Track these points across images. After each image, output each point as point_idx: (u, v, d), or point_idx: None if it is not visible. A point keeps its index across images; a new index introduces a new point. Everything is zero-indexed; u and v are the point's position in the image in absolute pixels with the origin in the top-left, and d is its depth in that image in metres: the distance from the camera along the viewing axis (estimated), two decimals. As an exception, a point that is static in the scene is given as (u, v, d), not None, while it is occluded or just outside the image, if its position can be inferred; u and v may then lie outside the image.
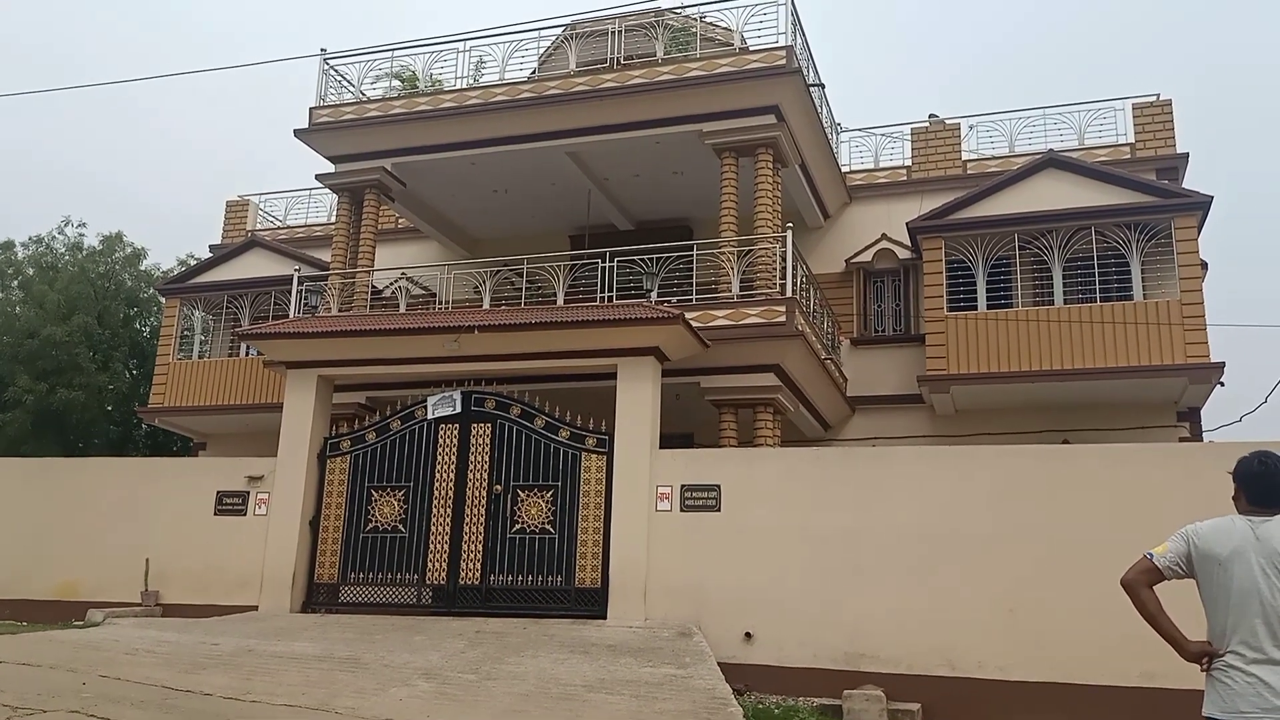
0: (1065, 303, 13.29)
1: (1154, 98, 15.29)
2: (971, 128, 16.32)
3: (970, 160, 16.09)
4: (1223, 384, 12.70)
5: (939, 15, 60.76)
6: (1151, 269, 13.09)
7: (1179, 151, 14.89)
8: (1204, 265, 13.31)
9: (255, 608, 11.21)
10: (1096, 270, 13.20)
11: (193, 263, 22.01)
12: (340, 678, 7.61)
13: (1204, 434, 13.94)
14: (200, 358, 17.42)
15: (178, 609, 11.47)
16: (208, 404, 16.69)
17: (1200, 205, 12.96)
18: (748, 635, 9.53)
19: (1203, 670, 3.73)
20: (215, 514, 11.92)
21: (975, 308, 13.61)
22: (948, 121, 16.44)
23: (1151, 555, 3.82)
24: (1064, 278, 13.42)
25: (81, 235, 23.79)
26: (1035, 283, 13.81)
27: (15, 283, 23.09)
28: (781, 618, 9.48)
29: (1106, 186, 13.31)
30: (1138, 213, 13.10)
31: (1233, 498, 3.90)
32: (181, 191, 59.05)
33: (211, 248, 19.67)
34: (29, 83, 49.97)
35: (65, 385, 20.49)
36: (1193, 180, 14.72)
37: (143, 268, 24.02)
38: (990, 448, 10.60)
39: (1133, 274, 13.08)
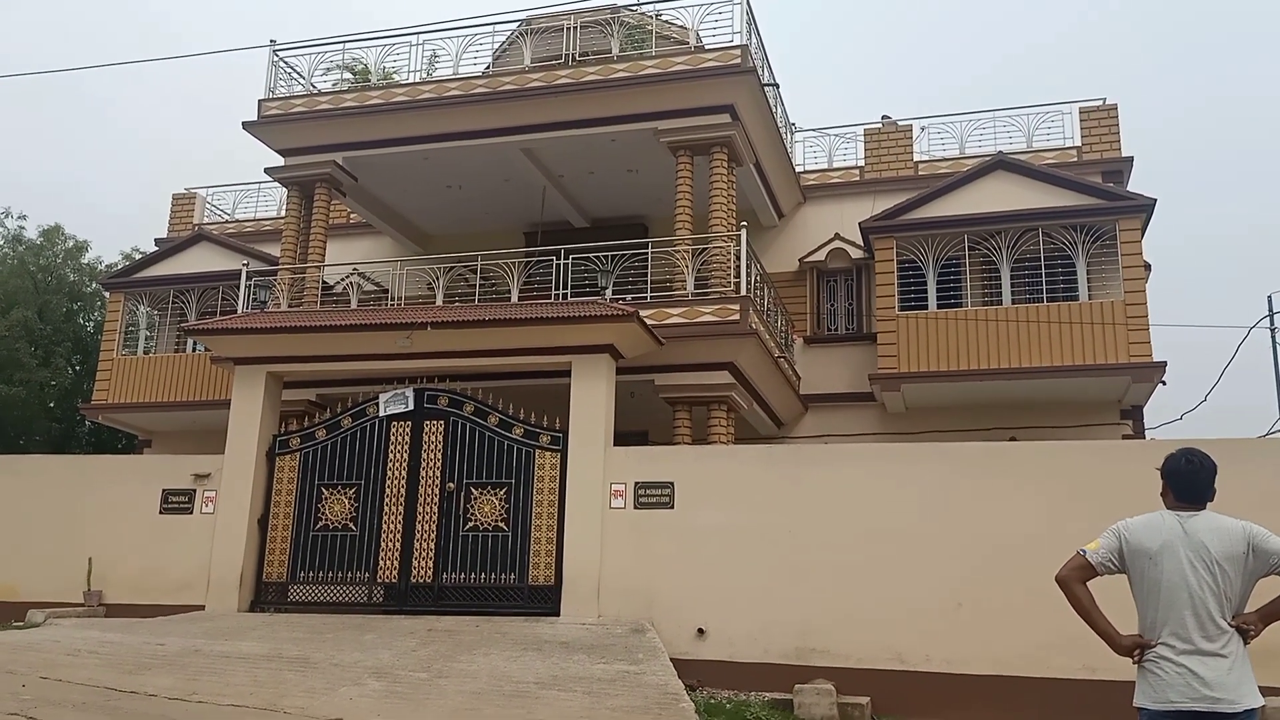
0: (1013, 302, 13.52)
1: (1100, 101, 15.61)
2: (923, 129, 16.55)
3: (922, 161, 16.30)
4: (1164, 383, 13.01)
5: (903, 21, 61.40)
6: (1097, 270, 13.36)
7: (1124, 155, 15.22)
8: (1147, 266, 13.62)
9: (202, 607, 11.03)
10: (1044, 271, 13.45)
11: (137, 257, 21.55)
12: (289, 677, 7.51)
13: (1146, 432, 14.27)
14: (145, 354, 17.07)
15: (122, 609, 11.24)
16: (153, 400, 16.36)
17: (1144, 208, 13.24)
18: (700, 631, 9.57)
19: (1135, 663, 3.84)
20: (160, 512, 11.70)
21: (926, 307, 13.79)
22: (900, 123, 16.64)
23: (1084, 552, 3.93)
24: (1012, 278, 13.65)
25: (22, 228, 23.23)
26: (984, 283, 14.03)
27: (-48, 276, 22.47)
28: (733, 614, 9.53)
29: (1053, 189, 13.56)
30: (1083, 215, 13.37)
31: (1160, 494, 4.02)
32: (128, 185, 57.88)
33: (157, 241, 19.29)
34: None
35: (5, 381, 19.98)
36: (1136, 184, 15.06)
37: (85, 261, 23.50)
38: (937, 445, 10.74)
39: (1079, 275, 13.34)
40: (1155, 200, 13.17)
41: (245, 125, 14.68)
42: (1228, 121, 50.93)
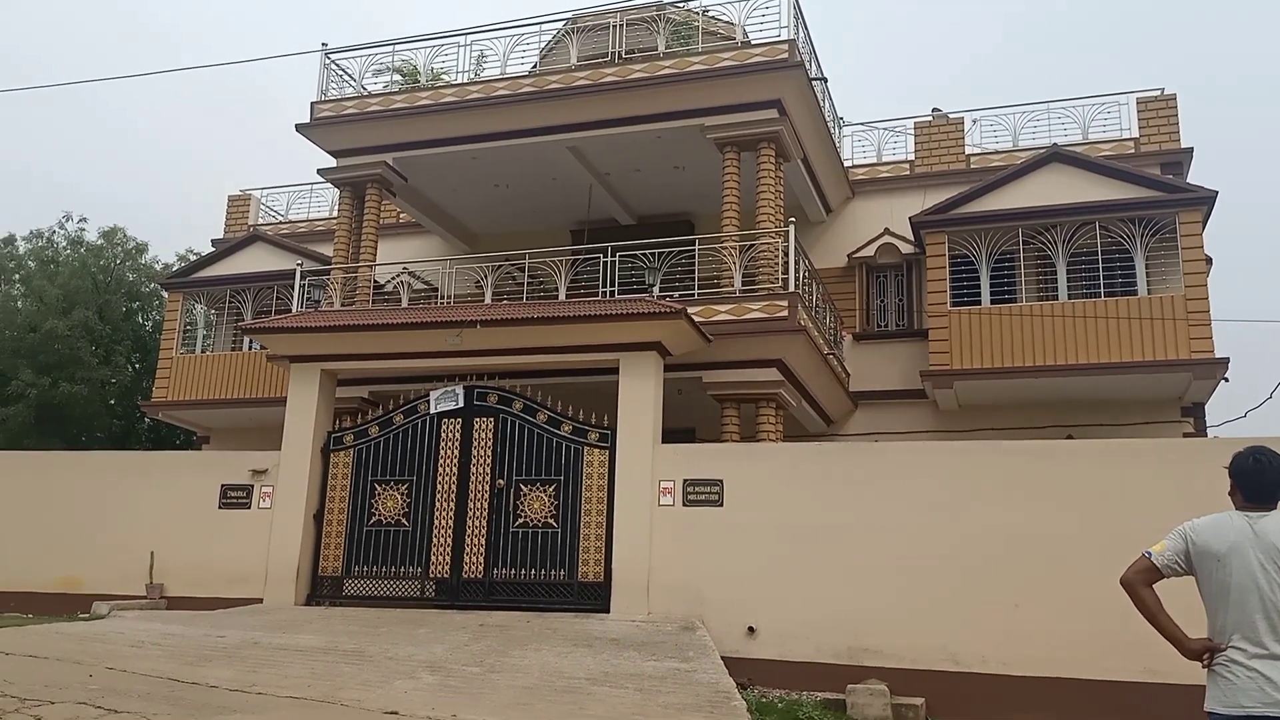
0: (1069, 298, 13.28)
1: (1158, 92, 15.26)
2: (975, 122, 16.32)
3: (974, 155, 16.07)
4: (1227, 380, 12.69)
5: (945, 11, 60.59)
6: (1156, 264, 13.07)
7: (1183, 146, 14.87)
8: (1208, 260, 13.29)
9: (259, 600, 11.23)
10: (1101, 265, 13.19)
11: (193, 258, 22.00)
12: (345, 670, 7.62)
13: (1208, 430, 13.94)
14: (203, 352, 17.43)
15: (182, 602, 11.49)
16: (211, 398, 16.70)
17: (1205, 200, 12.93)
18: (750, 630, 9.54)
19: (1204, 666, 3.74)
20: (219, 507, 11.94)
21: (979, 303, 13.59)
22: (951, 116, 16.42)
23: (1149, 554, 3.84)
24: (1068, 273, 13.40)
25: (82, 230, 23.82)
26: (1039, 278, 13.79)
27: (16, 277, 23.11)
28: (784, 612, 9.48)
29: (1111, 181, 13.29)
30: (1142, 208, 13.08)
31: (1229, 494, 3.92)
32: (174, 197, 59.02)
33: (214, 242, 19.67)
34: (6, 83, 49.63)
35: (67, 379, 20.51)
36: (1197, 175, 14.71)
37: (143, 262, 24.04)
38: (993, 443, 10.58)
39: (1137, 269, 13.07)
40: (1216, 193, 12.84)
41: (298, 127, 14.90)
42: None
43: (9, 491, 12.85)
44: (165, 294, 18.98)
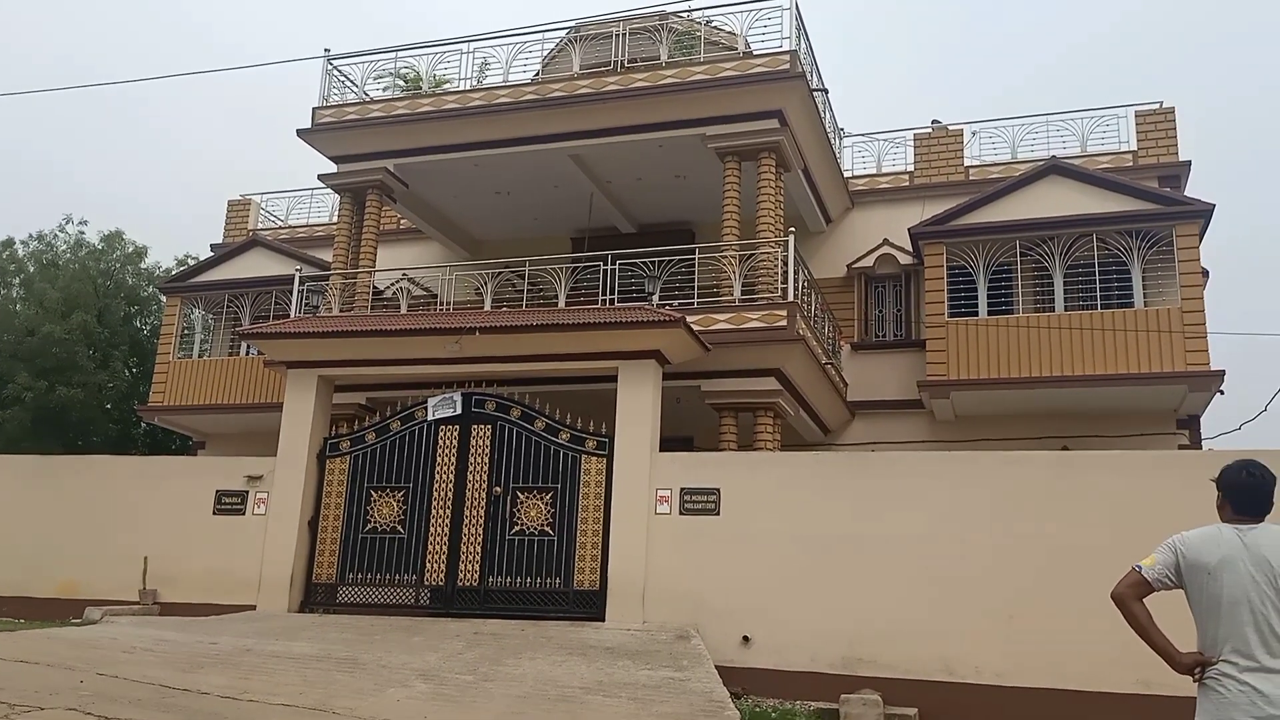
0: (1066, 309, 13.29)
1: (1157, 105, 15.29)
2: (974, 134, 16.34)
3: (973, 166, 16.11)
4: (1223, 392, 12.70)
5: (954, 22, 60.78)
6: (1152, 276, 13.09)
7: (1181, 159, 14.90)
8: (1205, 273, 13.31)
9: (253, 607, 11.21)
10: (1098, 277, 13.20)
11: (192, 262, 21.99)
12: (338, 678, 7.61)
13: (1203, 442, 13.93)
14: (200, 357, 17.41)
15: (176, 608, 11.47)
16: (208, 403, 16.67)
17: (1202, 213, 12.94)
18: (746, 639, 9.53)
19: (1195, 681, 3.73)
20: (214, 513, 11.93)
21: (976, 313, 13.60)
22: (950, 127, 16.46)
23: (1140, 567, 3.82)
24: (1065, 284, 13.41)
25: (82, 233, 23.79)
26: (1036, 289, 13.80)
27: (16, 280, 23.09)
28: (780, 622, 9.48)
29: (1108, 193, 13.31)
30: (1139, 220, 13.10)
31: (1218, 506, 3.93)
32: (178, 195, 59.13)
33: (213, 247, 19.67)
34: (25, 83, 49.85)
35: (65, 383, 20.47)
36: (1195, 189, 14.73)
37: (143, 266, 24.02)
38: (991, 454, 10.59)
39: (1134, 281, 13.08)
40: (1214, 206, 12.86)
41: (300, 133, 14.92)
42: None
43: (5, 496, 12.84)
44: (164, 298, 18.97)
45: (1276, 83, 50.52)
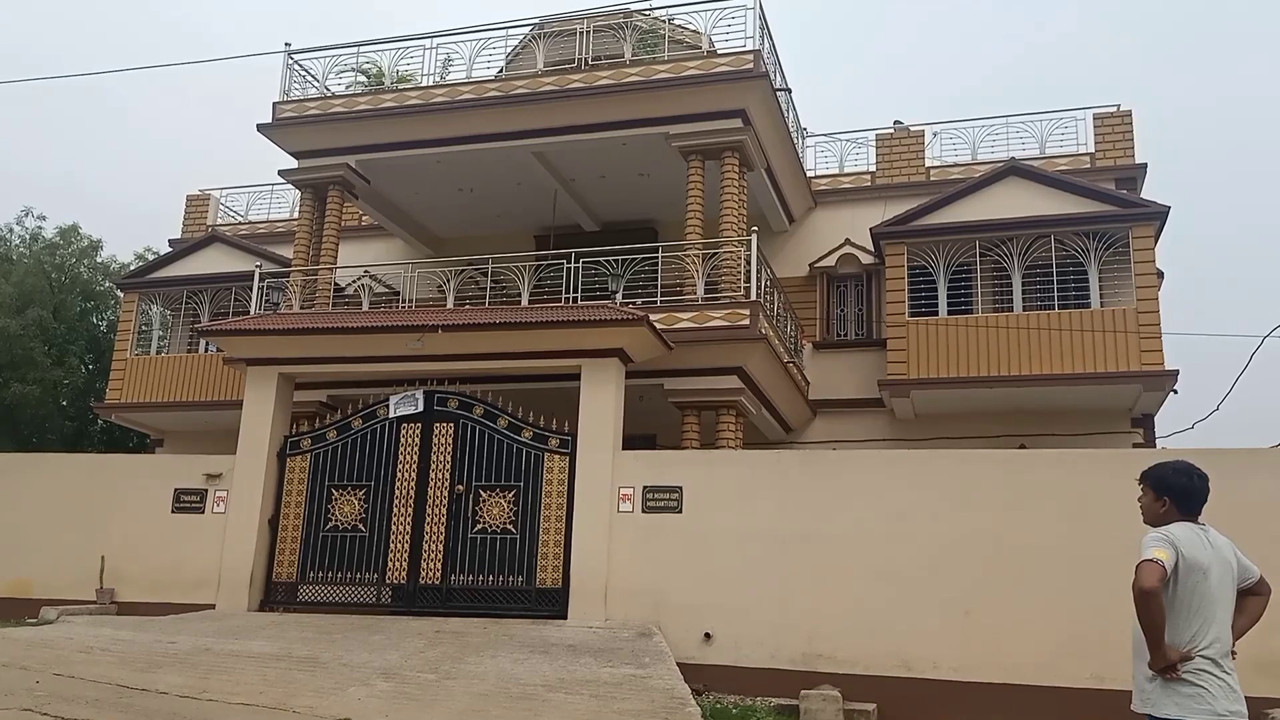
0: (1024, 309, 13.48)
1: (1114, 108, 15.55)
2: (935, 135, 16.53)
3: (934, 167, 16.29)
4: (1176, 391, 12.96)
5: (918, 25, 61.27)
6: (1109, 277, 13.32)
7: (1138, 162, 15.17)
8: (1160, 274, 13.57)
9: (212, 606, 11.10)
10: (1055, 278, 13.41)
11: (151, 257, 21.69)
12: (298, 677, 7.56)
13: (1157, 440, 14.22)
14: (159, 353, 17.18)
15: (134, 607, 11.32)
16: (166, 400, 16.46)
17: (1157, 215, 13.19)
18: (707, 636, 9.59)
19: (1169, 677, 3.75)
20: (172, 512, 11.79)
21: (936, 313, 13.77)
22: (912, 128, 16.63)
23: (1162, 563, 3.74)
24: (1023, 285, 13.61)
25: (40, 228, 23.41)
26: (995, 289, 14.00)
27: (-31, 275, 22.65)
28: (741, 619, 9.55)
29: (1066, 195, 13.53)
30: (1096, 221, 13.32)
31: (1152, 506, 4.08)
32: (146, 185, 58.16)
33: (171, 242, 19.41)
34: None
35: (19, 380, 20.13)
36: (1150, 191, 15.00)
37: (100, 260, 23.67)
38: (947, 452, 10.72)
39: (1090, 282, 13.30)
40: (1169, 208, 13.11)
41: (260, 127, 14.77)
42: (1237, 121, 50.57)
43: (-44, 493, 12.58)
44: (121, 294, 18.68)
45: (1234, 93, 51.60)
